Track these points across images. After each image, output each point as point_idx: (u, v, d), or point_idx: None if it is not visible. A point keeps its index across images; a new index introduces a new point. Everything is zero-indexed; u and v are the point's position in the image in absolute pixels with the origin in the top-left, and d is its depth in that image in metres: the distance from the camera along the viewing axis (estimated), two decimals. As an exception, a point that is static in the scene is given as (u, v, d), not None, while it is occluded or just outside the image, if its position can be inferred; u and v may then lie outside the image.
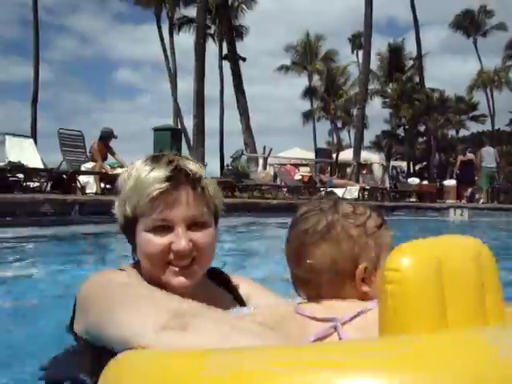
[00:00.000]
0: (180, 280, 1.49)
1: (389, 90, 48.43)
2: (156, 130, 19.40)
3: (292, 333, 1.28)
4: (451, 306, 1.03)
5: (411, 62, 50.50)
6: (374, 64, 46.31)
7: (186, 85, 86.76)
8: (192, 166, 1.52)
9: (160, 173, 1.45)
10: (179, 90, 42.88)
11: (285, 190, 19.48)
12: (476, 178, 19.87)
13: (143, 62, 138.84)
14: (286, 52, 55.04)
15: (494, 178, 19.90)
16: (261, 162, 22.95)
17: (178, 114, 41.09)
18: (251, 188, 18.12)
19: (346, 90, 54.64)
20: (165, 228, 1.46)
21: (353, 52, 55.47)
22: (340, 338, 1.23)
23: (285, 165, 25.80)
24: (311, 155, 30.88)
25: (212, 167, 46.45)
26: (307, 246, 1.37)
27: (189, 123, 39.91)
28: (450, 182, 27.98)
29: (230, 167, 20.82)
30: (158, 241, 1.46)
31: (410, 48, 51.00)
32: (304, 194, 19.55)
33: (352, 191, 18.30)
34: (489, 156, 19.17)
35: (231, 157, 20.84)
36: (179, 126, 33.43)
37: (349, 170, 24.03)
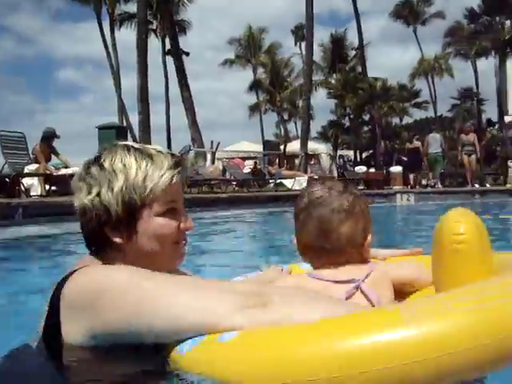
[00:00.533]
0: (182, 257, 1.63)
1: (332, 81, 48.93)
2: (100, 128, 19.06)
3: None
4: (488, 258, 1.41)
5: (353, 52, 51.18)
6: (318, 55, 46.81)
7: (130, 82, 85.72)
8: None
9: (169, 161, 1.56)
10: (123, 87, 42.27)
11: (234, 183, 19.46)
12: (423, 163, 21.17)
13: (85, 60, 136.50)
14: (230, 45, 55.01)
15: (440, 163, 21.00)
16: (209, 156, 22.88)
17: (122, 111, 40.54)
18: (200, 183, 18.05)
19: (291, 82, 54.95)
20: (172, 211, 1.56)
21: (296, 44, 55.87)
22: (365, 295, 1.54)
23: (233, 158, 25.81)
24: (259, 148, 30.96)
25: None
26: (334, 222, 1.63)
27: (134, 120, 39.45)
28: (396, 169, 28.50)
29: (178, 163, 20.67)
30: (172, 223, 1.55)
31: (352, 38, 51.76)
32: (253, 187, 19.61)
33: (301, 182, 18.42)
34: (435, 142, 20.38)
35: (179, 153, 20.63)
36: (124, 124, 32.98)
37: (297, 161, 24.18)
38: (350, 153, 41.49)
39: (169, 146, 41.35)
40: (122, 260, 1.51)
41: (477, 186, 26.02)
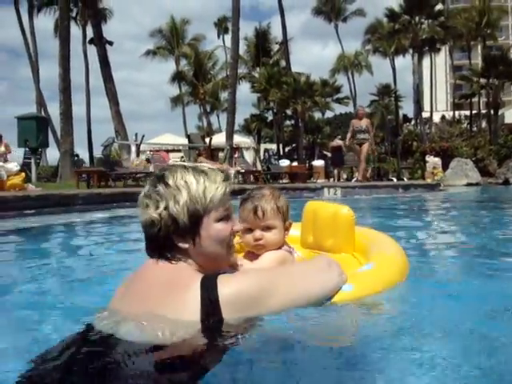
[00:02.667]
0: (233, 254, 2.10)
1: (256, 75, 49.13)
2: (20, 118, 18.35)
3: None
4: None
5: (277, 47, 51.59)
6: (241, 49, 46.73)
7: (48, 71, 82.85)
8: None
9: (221, 176, 1.94)
10: (40, 76, 40.79)
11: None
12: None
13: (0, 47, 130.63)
14: (152, 37, 54.16)
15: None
16: (133, 149, 22.43)
17: (40, 101, 39.15)
18: (125, 176, 17.68)
19: (215, 75, 54.79)
20: (227, 217, 1.95)
21: (219, 37, 55.68)
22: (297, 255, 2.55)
23: (158, 151, 25.46)
24: (183, 140, 30.69)
25: (81, 156, 44.78)
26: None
27: (52, 111, 38.17)
28: (319, 163, 29.06)
29: (102, 156, 20.14)
30: (228, 227, 1.94)
31: (276, 33, 52.16)
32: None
33: (227, 175, 18.37)
34: None
35: (102, 145, 20.11)
36: (43, 114, 31.84)
37: (221, 154, 24.07)
38: (273, 146, 41.84)
39: (89, 138, 40.34)
40: (185, 260, 1.88)
41: (394, 179, 26.99)
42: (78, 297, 2.65)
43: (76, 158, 23.71)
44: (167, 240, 1.84)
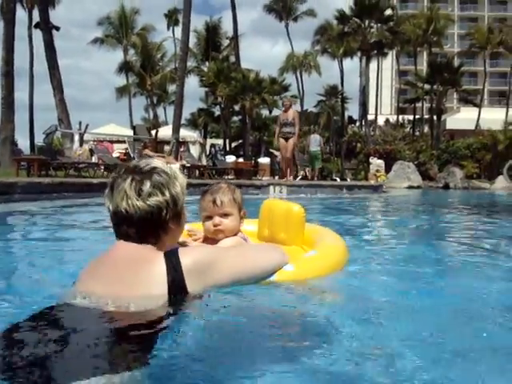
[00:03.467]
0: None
1: (205, 69, 48.85)
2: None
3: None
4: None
5: (227, 42, 51.43)
6: (191, 42, 46.24)
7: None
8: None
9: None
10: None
11: (102, 168, 18.77)
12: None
13: None
14: (100, 25, 53.09)
15: (319, 160, 23.27)
16: (76, 138, 21.99)
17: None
18: (67, 166, 17.27)
19: (163, 66, 54.16)
20: None
21: (169, 28, 55.06)
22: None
23: (102, 141, 25.01)
24: (128, 132, 30.24)
25: (21, 144, 43.48)
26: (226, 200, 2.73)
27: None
28: (265, 160, 29.22)
29: (43, 144, 19.60)
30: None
31: (226, 28, 51.98)
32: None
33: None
34: (315, 142, 22.90)
35: (44, 133, 19.57)
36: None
37: (167, 147, 23.83)
38: (220, 142, 41.74)
39: (31, 126, 39.25)
40: (164, 241, 2.08)
41: (338, 179, 27.39)
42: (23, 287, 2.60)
43: (15, 146, 23.01)
44: (164, 223, 2.05)
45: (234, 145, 44.46)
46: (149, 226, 2.02)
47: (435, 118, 48.89)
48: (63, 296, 1.97)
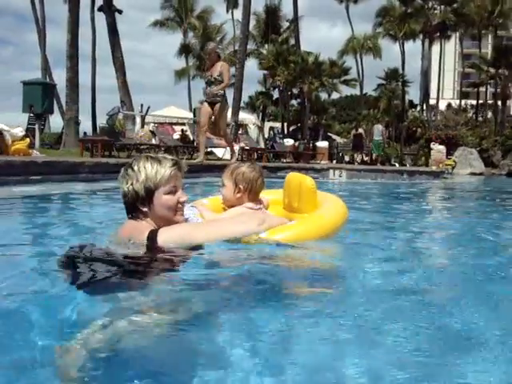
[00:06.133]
0: (182, 217, 2.82)
1: (264, 52, 48.64)
2: (26, 83, 18.21)
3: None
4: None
5: (287, 24, 51.03)
6: (251, 24, 46.25)
7: (53, 38, 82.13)
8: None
9: (170, 163, 2.75)
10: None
11: (163, 149, 18.99)
12: (366, 146, 27.16)
13: (4, 11, 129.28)
14: (163, 9, 53.56)
15: (380, 148, 25.87)
16: (138, 120, 22.30)
17: (46, 68, 38.80)
18: (129, 147, 17.55)
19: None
20: (174, 191, 2.75)
21: (228, 11, 55.01)
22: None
23: (163, 123, 25.31)
24: (188, 114, 30.48)
25: (84, 125, 44.54)
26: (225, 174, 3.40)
27: (56, 78, 37.86)
28: (323, 144, 28.93)
29: (106, 125, 19.97)
30: (173, 198, 2.74)
31: (286, 10, 51.53)
32: (182, 154, 19.29)
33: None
34: (378, 132, 25.38)
35: (107, 114, 19.93)
36: (49, 81, 31.55)
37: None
38: (278, 125, 41.60)
39: (93, 107, 40.05)
40: (148, 219, 2.73)
41: (397, 165, 26.99)
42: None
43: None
44: (134, 205, 2.73)
45: (292, 128, 44.17)
46: (126, 206, 2.78)
47: (499, 103, 47.37)
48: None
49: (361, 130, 28.18)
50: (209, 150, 19.06)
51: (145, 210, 2.72)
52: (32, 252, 3.14)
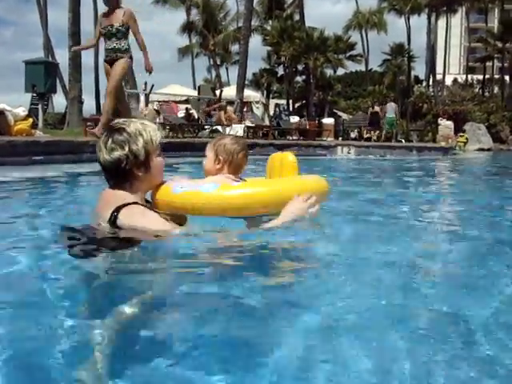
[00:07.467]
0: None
1: (268, 28, 48.06)
2: (28, 63, 17.93)
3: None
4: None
5: (291, 0, 50.33)
6: (254, 0, 45.77)
7: (54, 18, 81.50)
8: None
9: (156, 127, 2.81)
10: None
11: (168, 128, 18.78)
12: (381, 124, 27.04)
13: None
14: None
15: (394, 125, 26.30)
16: (142, 98, 22.02)
17: (48, 47, 38.39)
18: (134, 126, 17.33)
19: (226, 26, 53.66)
20: (160, 154, 2.79)
21: (231, -13, 54.33)
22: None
23: (167, 102, 25.04)
24: (192, 92, 30.18)
25: (88, 104, 44.20)
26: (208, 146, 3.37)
27: (58, 57, 37.43)
28: (328, 120, 28.67)
29: (110, 104, 19.72)
30: (162, 160, 2.82)
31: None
32: (188, 132, 19.08)
33: (236, 129, 18.06)
34: (391, 109, 25.79)
35: (111, 93, 19.68)
36: (52, 60, 31.20)
37: (229, 107, 23.62)
38: (283, 102, 41.26)
39: (96, 86, 39.73)
40: (137, 184, 2.73)
41: (403, 141, 26.82)
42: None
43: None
44: (129, 171, 2.67)
45: (297, 105, 43.82)
46: (115, 174, 2.71)
47: (507, 77, 46.80)
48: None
49: (377, 108, 28.93)
50: (214, 127, 18.85)
51: (140, 174, 2.72)
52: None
